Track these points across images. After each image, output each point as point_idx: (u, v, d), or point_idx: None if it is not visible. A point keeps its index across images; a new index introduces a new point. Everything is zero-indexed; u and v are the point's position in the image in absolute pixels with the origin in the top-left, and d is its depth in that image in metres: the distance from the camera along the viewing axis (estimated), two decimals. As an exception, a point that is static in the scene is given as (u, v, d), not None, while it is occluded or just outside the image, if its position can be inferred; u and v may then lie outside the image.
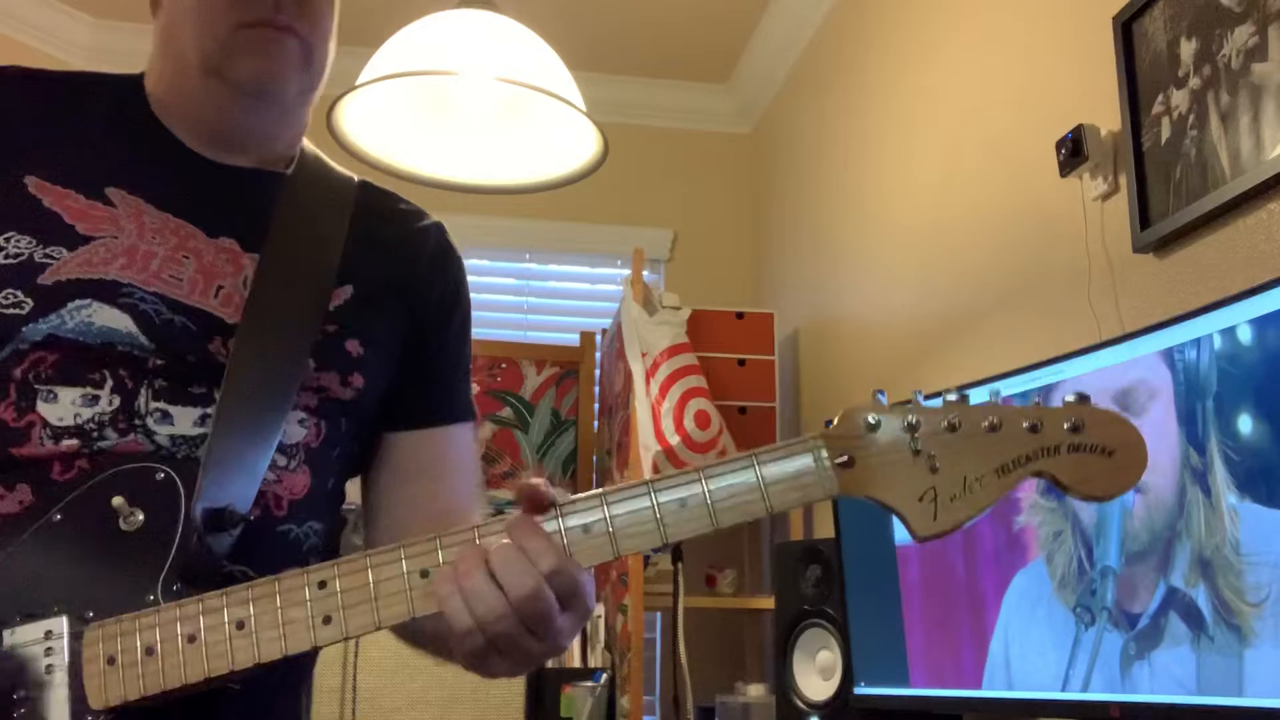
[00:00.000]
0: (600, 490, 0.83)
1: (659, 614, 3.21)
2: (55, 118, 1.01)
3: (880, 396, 0.83)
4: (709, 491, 0.81)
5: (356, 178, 1.16)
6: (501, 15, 2.01)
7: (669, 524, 0.80)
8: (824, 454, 0.81)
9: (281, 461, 0.98)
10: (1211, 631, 1.21)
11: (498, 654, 0.80)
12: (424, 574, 0.80)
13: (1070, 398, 0.82)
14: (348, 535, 1.13)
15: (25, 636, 0.82)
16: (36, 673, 0.81)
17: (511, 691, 2.47)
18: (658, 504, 0.81)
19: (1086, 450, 0.80)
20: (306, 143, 1.13)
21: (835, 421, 0.83)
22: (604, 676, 2.47)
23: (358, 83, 1.94)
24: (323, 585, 0.81)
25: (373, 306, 1.06)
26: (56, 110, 1.02)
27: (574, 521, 0.81)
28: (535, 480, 0.82)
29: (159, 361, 0.93)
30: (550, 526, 0.81)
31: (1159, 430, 1.29)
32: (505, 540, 0.80)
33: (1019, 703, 1.50)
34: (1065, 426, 0.80)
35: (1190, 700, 1.25)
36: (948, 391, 0.84)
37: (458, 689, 2.45)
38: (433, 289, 1.12)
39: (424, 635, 0.97)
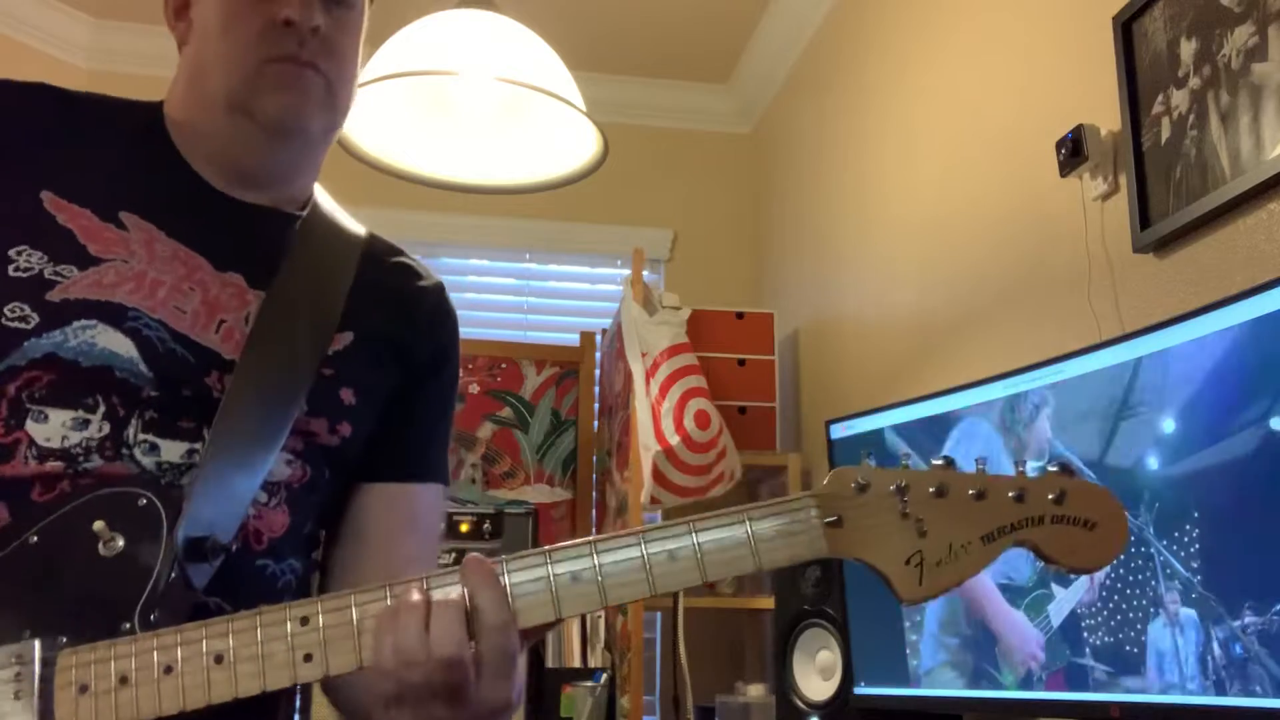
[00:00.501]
0: (590, 539, 0.83)
1: (659, 614, 3.21)
2: (78, 138, 1.02)
3: (870, 460, 0.85)
4: (699, 545, 0.82)
5: (365, 230, 1.17)
6: (501, 15, 2.01)
7: (658, 575, 0.81)
8: (814, 513, 0.82)
9: (263, 498, 0.97)
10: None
11: (404, 708, 0.79)
12: None
13: (1053, 467, 0.84)
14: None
15: None
16: (2, 698, 0.79)
17: (511, 691, 2.46)
18: (647, 555, 0.81)
19: (1069, 522, 0.82)
20: (320, 190, 1.15)
21: (825, 481, 0.84)
22: (604, 676, 2.47)
23: (358, 82, 1.94)
24: (305, 621, 0.80)
25: (369, 356, 1.07)
26: (80, 131, 1.03)
27: (563, 569, 0.81)
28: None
29: (153, 393, 0.93)
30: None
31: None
32: (456, 593, 0.80)
33: (1019, 703, 1.50)
34: (1049, 497, 0.82)
35: (1190, 700, 1.25)
36: (935, 457, 0.85)
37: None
38: (425, 348, 1.13)
39: (339, 693, 0.98)
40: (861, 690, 1.80)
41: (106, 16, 3.48)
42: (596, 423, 3.40)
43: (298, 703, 1.08)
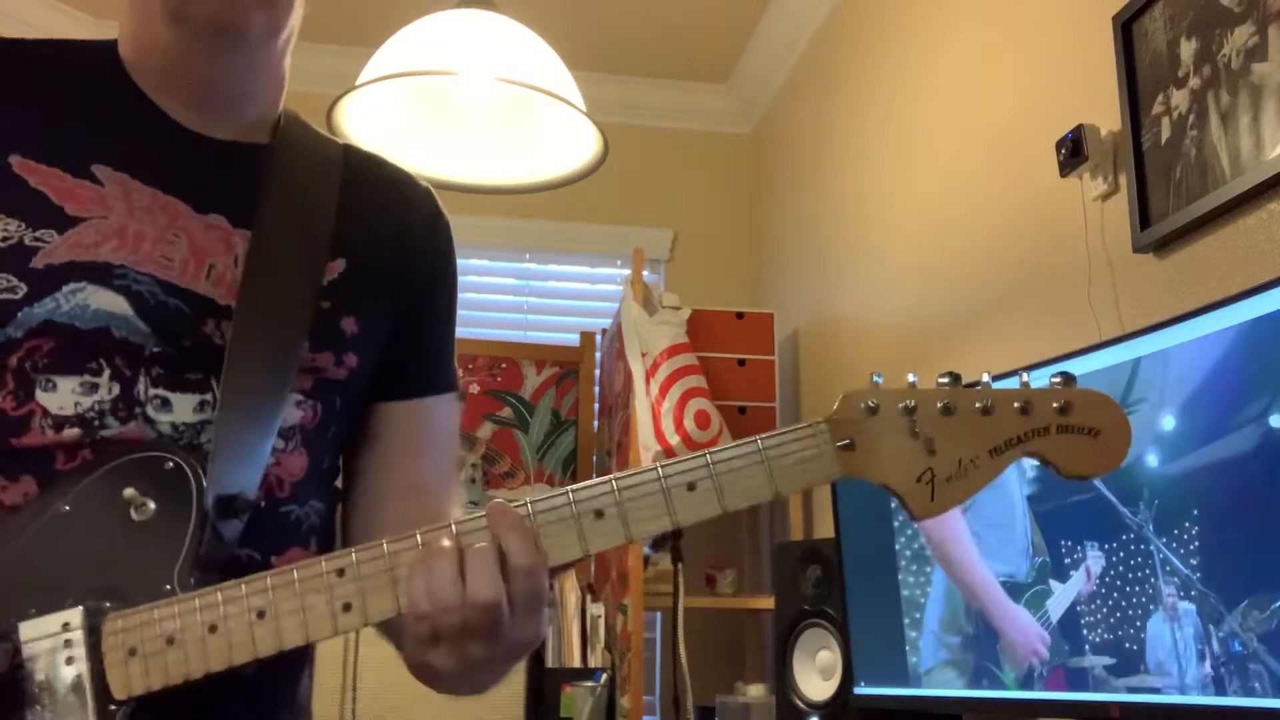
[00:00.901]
0: (610, 476, 0.84)
1: (659, 614, 3.21)
2: (35, 91, 0.99)
3: (878, 379, 0.85)
4: (715, 474, 0.83)
5: (341, 143, 1.14)
6: (501, 15, 2.02)
7: (678, 506, 0.83)
8: (826, 437, 0.83)
9: (280, 444, 0.97)
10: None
11: (440, 647, 0.82)
12: None
13: (1056, 379, 0.84)
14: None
15: (42, 629, 0.82)
16: (56, 664, 0.81)
17: (512, 691, 2.47)
18: (666, 485, 0.83)
19: (1074, 431, 0.83)
20: (287, 107, 1.11)
21: (835, 406, 0.85)
22: (604, 676, 2.47)
23: (358, 83, 1.94)
24: (341, 573, 0.82)
25: (366, 281, 1.05)
26: (36, 83, 1.00)
27: (586, 506, 0.83)
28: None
29: (155, 348, 0.93)
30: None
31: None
32: (486, 539, 0.82)
33: (1019, 703, 1.50)
34: (1054, 407, 0.83)
35: (1190, 700, 1.25)
36: (940, 375, 0.86)
37: (458, 689, 2.45)
38: (423, 260, 1.11)
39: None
40: (861, 690, 1.80)
41: (106, 16, 3.48)
42: (596, 423, 3.40)
43: (298, 703, 1.08)
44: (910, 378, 0.86)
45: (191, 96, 1.02)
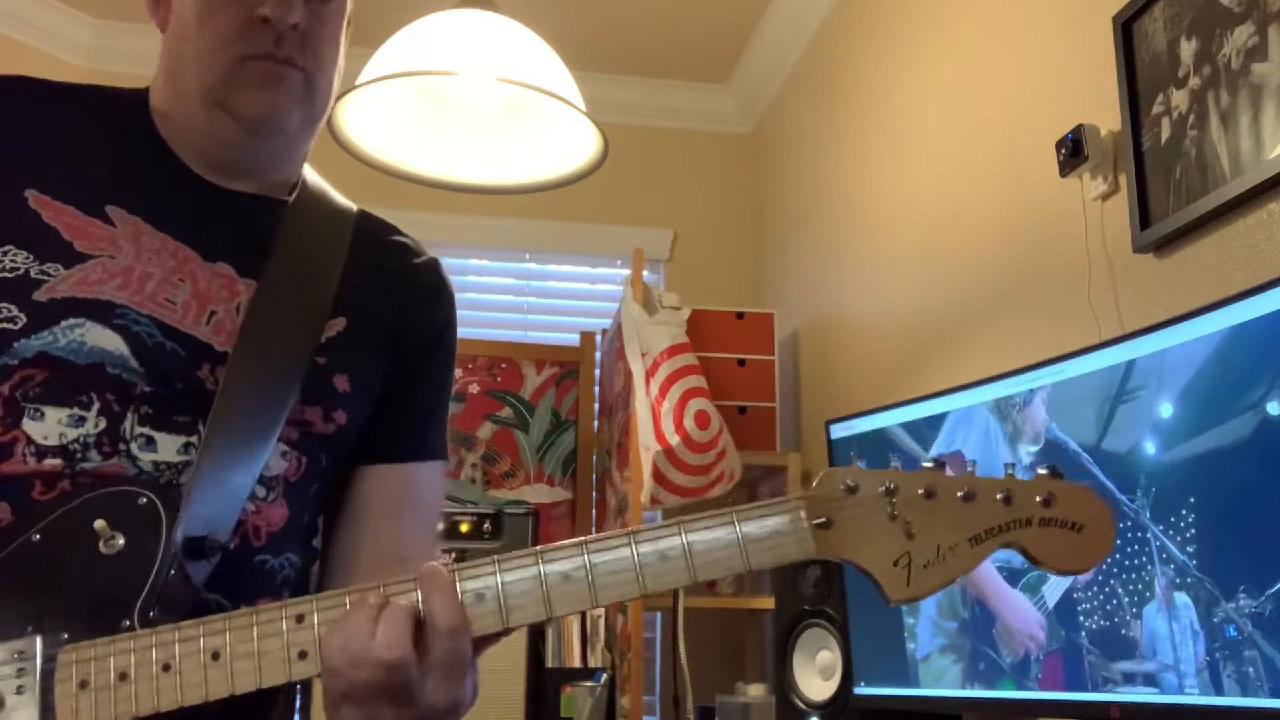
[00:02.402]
0: (581, 539, 0.84)
1: (659, 614, 3.21)
2: (59, 131, 1.01)
3: (861, 463, 0.86)
4: (688, 545, 0.83)
5: (356, 207, 1.16)
6: (501, 15, 2.01)
7: (648, 575, 0.82)
8: (803, 515, 0.83)
9: (261, 493, 0.97)
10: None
11: (350, 706, 0.80)
12: None
13: (1043, 470, 0.85)
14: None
15: None
16: (5, 694, 0.80)
17: (511, 691, 2.46)
18: (638, 555, 0.82)
19: (1056, 525, 0.83)
20: (309, 169, 1.13)
21: (815, 483, 0.85)
22: (604, 676, 2.47)
23: (358, 83, 1.94)
24: (300, 619, 0.81)
25: (363, 341, 1.06)
26: (61, 123, 1.02)
27: (554, 568, 0.82)
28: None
29: (146, 388, 0.93)
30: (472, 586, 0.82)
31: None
32: (410, 599, 0.81)
33: (1019, 703, 1.50)
34: (1037, 500, 0.83)
35: (1190, 700, 1.25)
36: (924, 459, 0.86)
37: (458, 689, 2.45)
38: (421, 326, 1.13)
39: None
40: (861, 690, 1.80)
41: (107, 16, 3.48)
42: (596, 423, 3.40)
43: (297, 703, 1.08)
44: (893, 459, 0.86)
45: (215, 162, 1.04)
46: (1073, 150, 1.85)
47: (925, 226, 2.52)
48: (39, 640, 0.81)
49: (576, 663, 2.70)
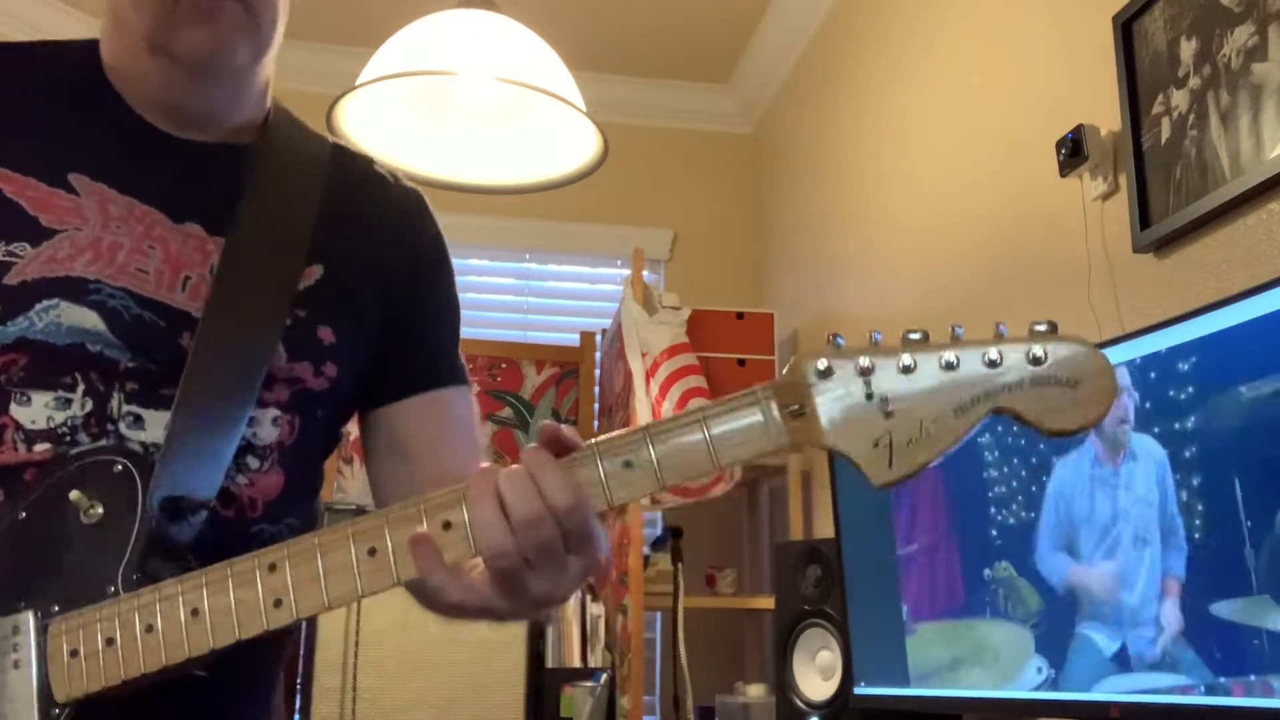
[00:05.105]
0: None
1: (659, 614, 3.21)
2: (11, 97, 0.98)
3: (838, 340, 0.80)
4: (654, 449, 0.78)
5: (330, 140, 1.11)
6: (501, 15, 2.02)
7: (613, 486, 0.78)
8: (773, 405, 0.78)
9: (254, 464, 0.96)
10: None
11: (500, 587, 0.78)
12: (371, 552, 0.79)
13: (1041, 326, 0.78)
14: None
15: None
16: (4, 668, 0.81)
17: (511, 692, 2.47)
18: (603, 471, 0.78)
19: (1050, 383, 0.76)
20: (278, 103, 1.08)
21: (786, 369, 0.79)
22: (604, 676, 2.47)
23: (358, 83, 1.94)
24: (273, 568, 0.80)
25: (343, 287, 1.02)
26: (12, 88, 0.99)
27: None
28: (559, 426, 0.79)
29: (129, 364, 0.92)
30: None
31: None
32: (518, 468, 0.78)
33: (1019, 703, 1.50)
34: (1027, 358, 0.77)
35: (1190, 700, 1.25)
36: (910, 331, 0.80)
37: (457, 689, 2.45)
38: (403, 263, 1.08)
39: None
40: (861, 690, 1.80)
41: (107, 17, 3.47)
42: (596, 423, 3.40)
43: (297, 702, 1.08)
44: (874, 335, 0.80)
45: (172, 112, 1.00)
46: (1073, 150, 1.85)
47: (925, 226, 2.52)
48: (31, 614, 0.83)
49: (576, 663, 2.70)
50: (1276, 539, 1.16)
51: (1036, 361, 0.77)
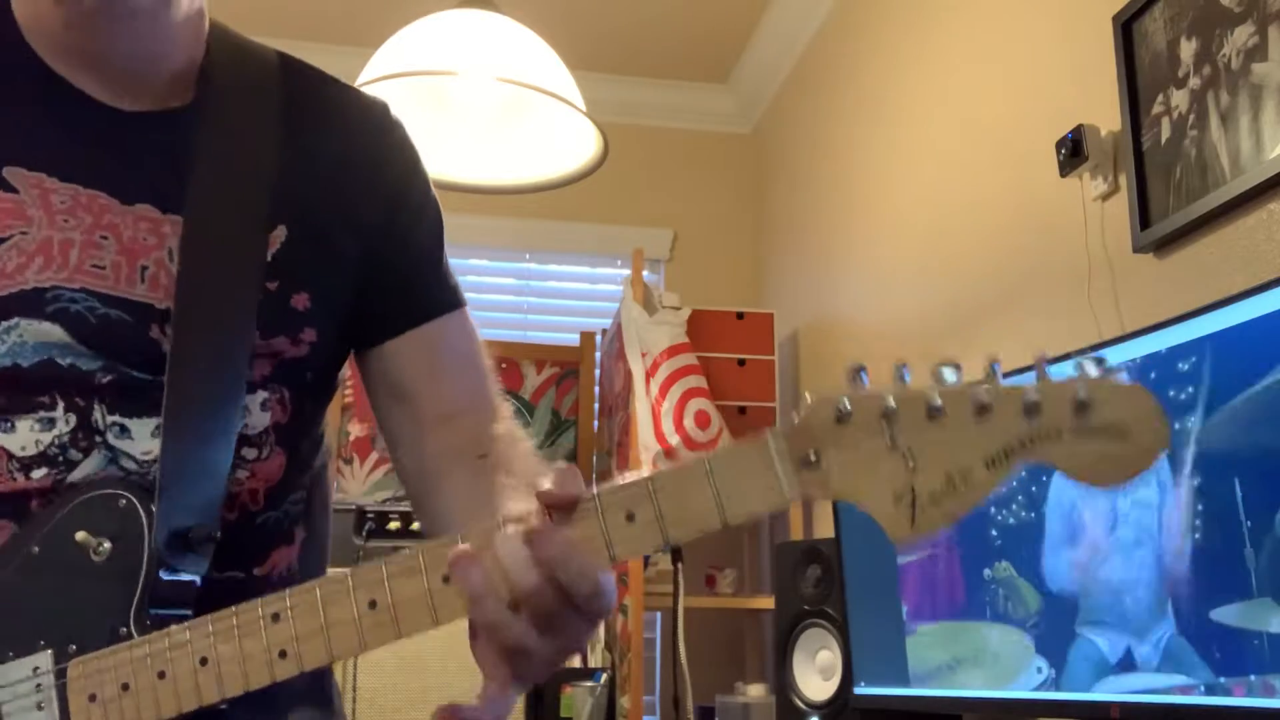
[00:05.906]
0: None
1: (659, 614, 3.21)
2: None
3: (862, 375, 0.73)
4: (660, 509, 0.72)
5: (276, 61, 1.01)
6: (501, 15, 2.02)
7: (615, 540, 0.73)
8: (785, 457, 0.71)
9: (252, 454, 0.93)
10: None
11: (508, 658, 0.75)
12: (372, 605, 0.77)
13: (1092, 370, 0.69)
14: (348, 536, 1.09)
15: (15, 674, 0.81)
16: (28, 710, 0.80)
17: (511, 691, 2.46)
18: (605, 526, 0.73)
19: (1093, 436, 0.67)
20: (215, 30, 0.98)
21: (804, 410, 0.72)
22: (604, 676, 2.47)
23: (358, 83, 1.94)
24: (276, 618, 0.78)
25: (314, 242, 0.96)
26: None
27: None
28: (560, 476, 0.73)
29: (103, 373, 0.88)
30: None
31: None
32: (515, 536, 0.72)
33: (1019, 703, 1.50)
34: (1069, 405, 0.68)
35: (1190, 700, 1.25)
36: (944, 364, 0.72)
37: (458, 690, 2.45)
38: (371, 197, 1.00)
39: None
40: (861, 690, 1.80)
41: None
42: (596, 423, 3.40)
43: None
44: (903, 373, 0.73)
45: (96, 69, 0.91)
46: (1073, 150, 1.85)
47: (925, 226, 2.52)
48: (50, 655, 0.81)
49: (576, 663, 2.70)
50: (1276, 539, 1.16)
51: (1081, 409, 0.68)
